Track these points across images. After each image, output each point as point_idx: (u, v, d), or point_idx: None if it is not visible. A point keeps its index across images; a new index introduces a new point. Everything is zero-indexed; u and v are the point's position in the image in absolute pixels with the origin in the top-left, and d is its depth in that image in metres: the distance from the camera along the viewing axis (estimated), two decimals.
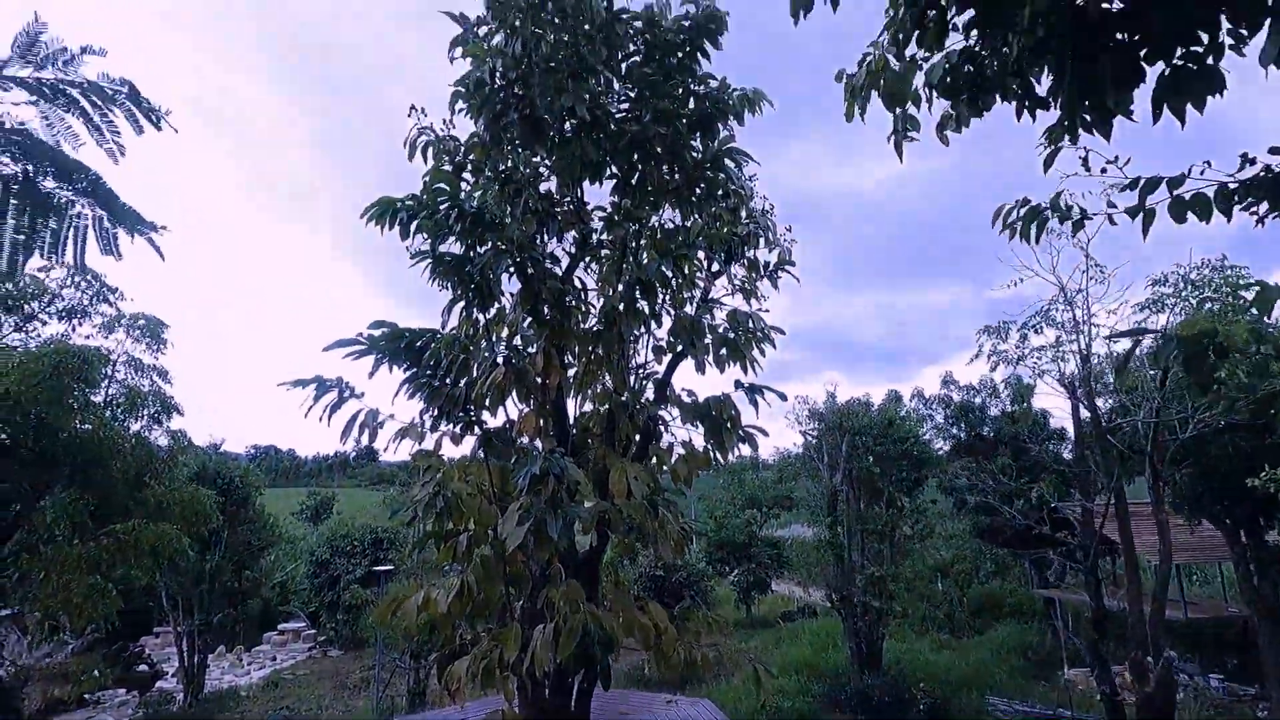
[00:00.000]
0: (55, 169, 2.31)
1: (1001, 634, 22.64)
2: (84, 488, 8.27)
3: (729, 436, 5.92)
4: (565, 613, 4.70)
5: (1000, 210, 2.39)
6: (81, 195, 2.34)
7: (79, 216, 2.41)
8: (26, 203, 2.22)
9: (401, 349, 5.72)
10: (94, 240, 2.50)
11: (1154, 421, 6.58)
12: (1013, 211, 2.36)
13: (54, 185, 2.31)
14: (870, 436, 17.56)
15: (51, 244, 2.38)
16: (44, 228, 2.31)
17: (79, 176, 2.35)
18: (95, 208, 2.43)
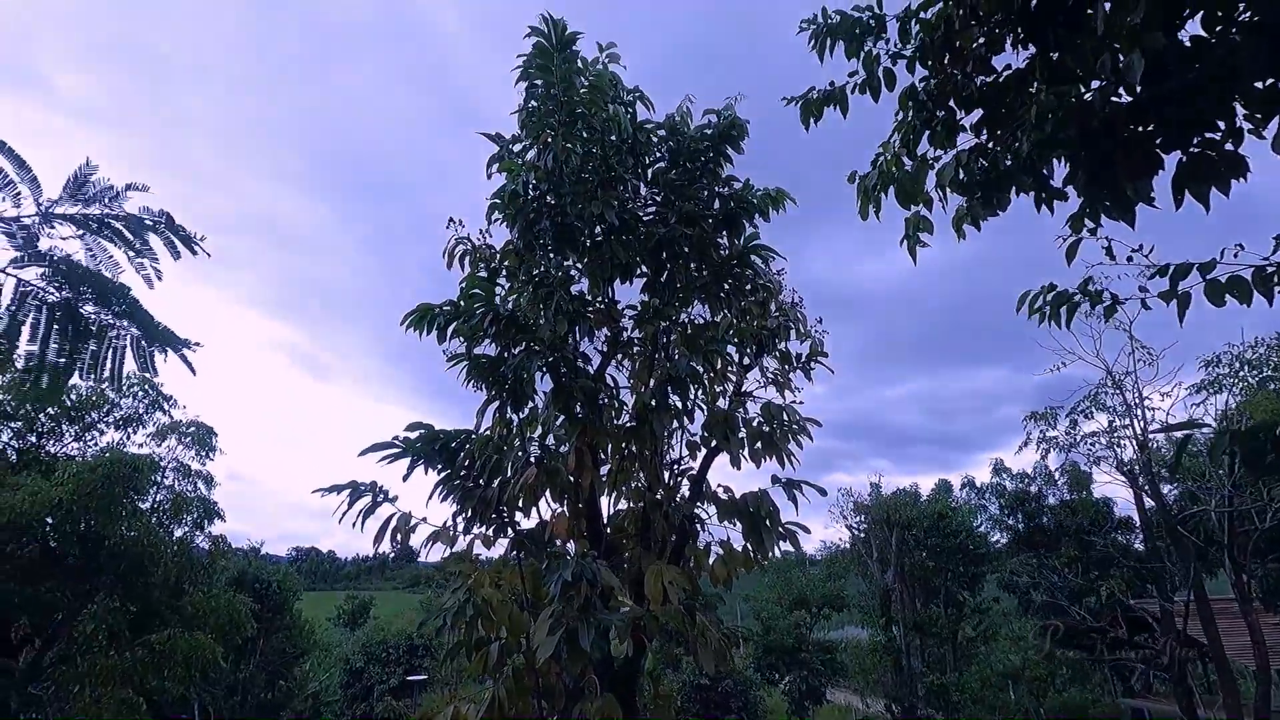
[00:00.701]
0: (95, 294, 2.47)
1: None
2: (125, 596, 8.30)
3: (768, 535, 5.69)
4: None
5: (1025, 297, 2.34)
6: (120, 318, 2.50)
7: (117, 338, 2.56)
8: (69, 327, 2.37)
9: (436, 450, 5.75)
10: (131, 359, 2.63)
11: (1227, 511, 6.10)
12: (1039, 298, 2.30)
13: (93, 310, 2.47)
14: (921, 529, 16.73)
15: (91, 364, 2.51)
16: (84, 350, 2.45)
17: (118, 301, 2.51)
18: (133, 328, 2.57)
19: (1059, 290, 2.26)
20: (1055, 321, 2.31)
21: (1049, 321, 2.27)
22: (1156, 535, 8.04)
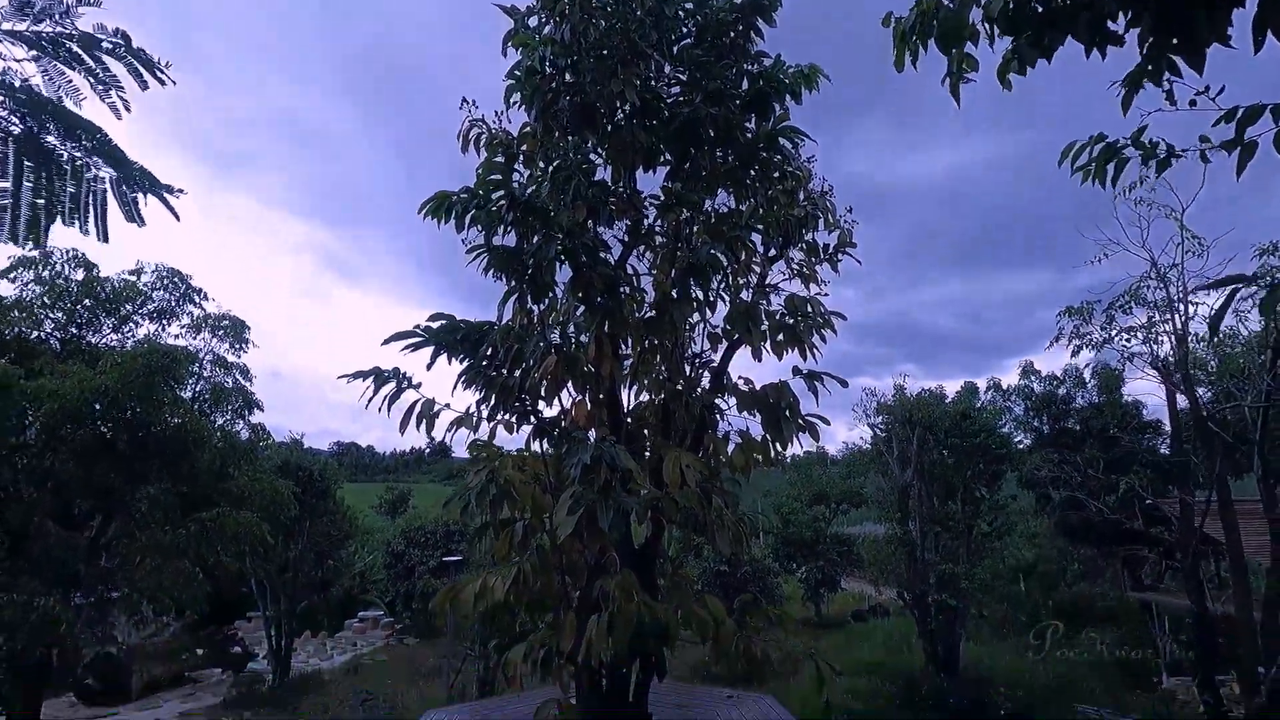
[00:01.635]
0: (61, 126, 2.39)
1: (1094, 639, 21.31)
2: (174, 479, 8.85)
3: (788, 425, 5.72)
4: (619, 602, 4.64)
5: (1069, 149, 2.11)
6: (92, 154, 2.42)
7: (95, 180, 2.49)
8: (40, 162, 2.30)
9: (458, 340, 5.78)
10: (114, 203, 2.57)
11: (1263, 406, 5.93)
12: (1084, 151, 2.08)
13: (61, 143, 2.39)
14: (942, 430, 16.80)
15: (72, 209, 2.46)
16: (61, 190, 2.39)
17: (88, 136, 2.42)
18: (108, 168, 2.49)
19: (1108, 142, 2.05)
20: (1100, 179, 2.10)
21: (1094, 180, 2.07)
22: (1185, 434, 7.90)
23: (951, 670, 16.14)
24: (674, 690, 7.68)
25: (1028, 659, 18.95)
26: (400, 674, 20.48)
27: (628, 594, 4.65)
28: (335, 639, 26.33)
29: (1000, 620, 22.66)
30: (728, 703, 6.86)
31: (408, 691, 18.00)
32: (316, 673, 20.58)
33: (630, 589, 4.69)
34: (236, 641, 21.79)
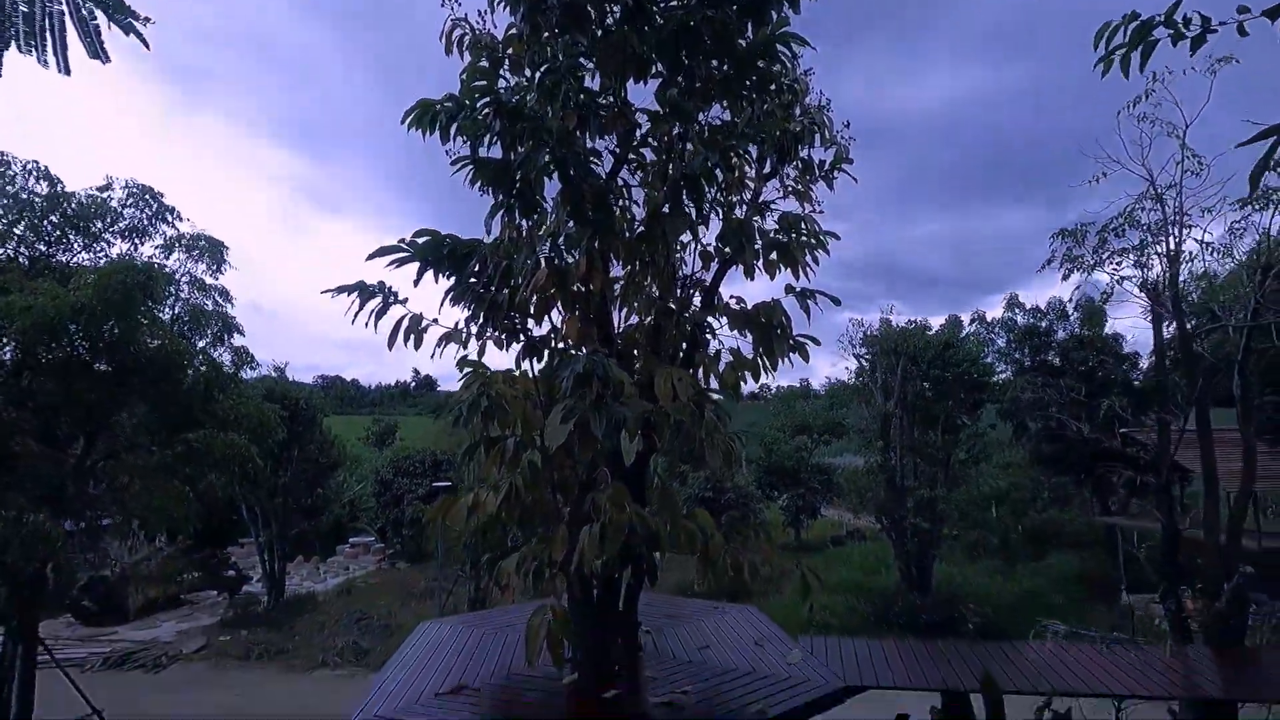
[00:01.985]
0: None
1: (1058, 561, 22.34)
2: (158, 401, 8.76)
3: (779, 344, 5.71)
4: (611, 513, 4.71)
5: (1103, 30, 2.00)
6: None
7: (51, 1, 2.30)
8: None
9: (445, 256, 5.64)
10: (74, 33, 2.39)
11: (1248, 326, 6.00)
12: (1117, 31, 1.97)
13: None
14: (926, 361, 17.00)
15: (27, 31, 2.27)
16: (15, 11, 2.21)
17: None
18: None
19: (1142, 20, 1.93)
20: (1126, 66, 2.00)
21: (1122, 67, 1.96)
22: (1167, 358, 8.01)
23: (924, 589, 16.88)
24: (661, 602, 7.93)
25: (996, 579, 19.88)
26: (393, 595, 21.09)
27: (619, 505, 4.71)
28: (328, 563, 26.92)
29: (972, 544, 23.61)
30: (714, 613, 7.10)
31: (400, 611, 18.59)
32: (311, 595, 21.13)
33: (622, 500, 4.75)
34: (230, 565, 22.22)
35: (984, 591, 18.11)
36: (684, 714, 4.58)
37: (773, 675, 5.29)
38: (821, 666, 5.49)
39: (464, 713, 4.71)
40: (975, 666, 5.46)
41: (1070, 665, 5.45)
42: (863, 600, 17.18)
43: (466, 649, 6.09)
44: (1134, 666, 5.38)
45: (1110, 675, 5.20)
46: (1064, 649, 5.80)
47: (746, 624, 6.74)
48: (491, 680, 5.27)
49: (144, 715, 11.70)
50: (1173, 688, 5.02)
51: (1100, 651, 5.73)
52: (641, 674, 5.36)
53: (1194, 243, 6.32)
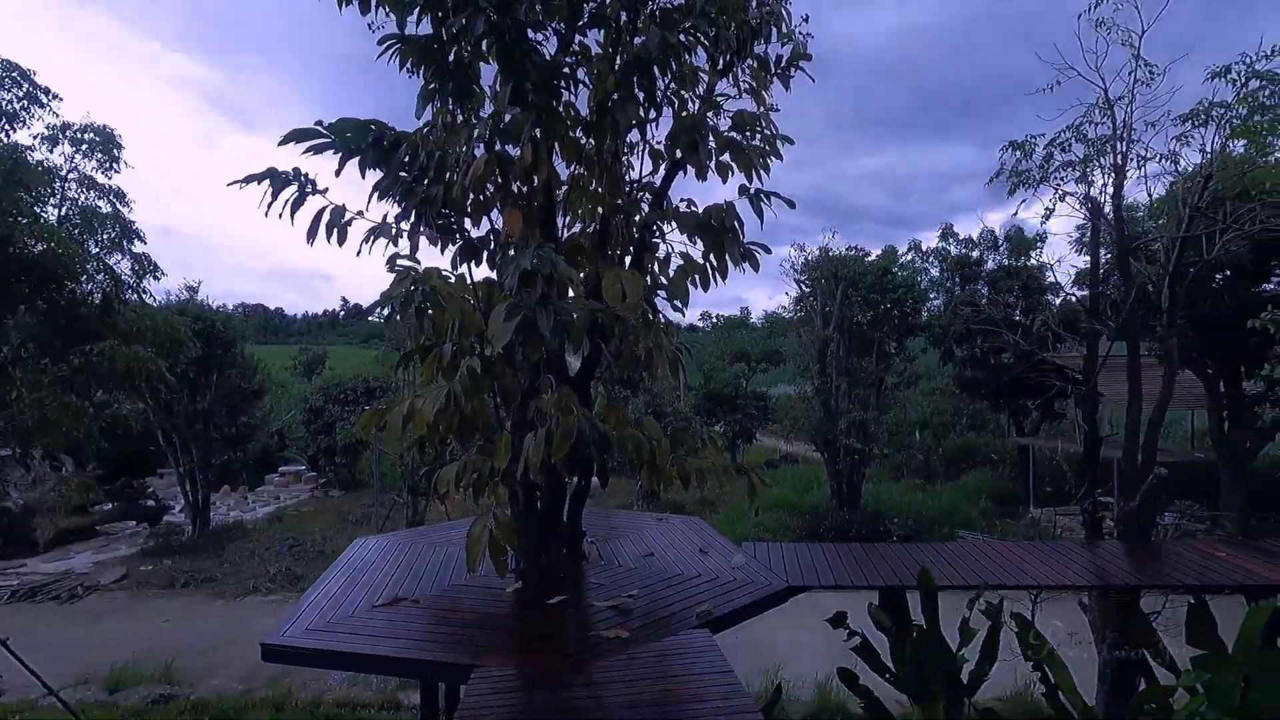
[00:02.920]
0: None
1: (974, 479, 23.86)
2: (48, 310, 7.89)
3: (731, 247, 5.49)
4: (558, 417, 4.50)
5: None
6: None
7: None
8: None
9: (370, 145, 5.10)
10: None
11: (1181, 237, 6.20)
12: None
13: None
14: (865, 286, 17.27)
15: None
16: None
17: None
18: None
19: None
20: None
21: None
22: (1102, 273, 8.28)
23: (854, 505, 17.69)
24: (606, 515, 7.91)
25: (918, 496, 21.08)
26: (328, 522, 20.69)
27: (566, 409, 4.51)
28: (257, 493, 26.11)
29: (898, 464, 24.88)
30: (659, 524, 7.11)
31: (336, 536, 18.26)
32: (239, 523, 20.49)
33: (569, 405, 4.55)
34: (149, 495, 21.23)
35: (907, 506, 19.17)
36: (630, 616, 4.55)
37: (717, 578, 5.34)
38: (765, 569, 5.58)
39: (401, 623, 4.55)
40: (911, 565, 5.65)
41: (997, 561, 5.71)
42: (796, 517, 17.92)
43: (404, 563, 5.91)
44: (1055, 561, 5.68)
45: (1034, 569, 5.48)
46: (991, 546, 6.07)
47: (691, 534, 6.79)
48: (431, 592, 5.11)
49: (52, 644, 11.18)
50: (1089, 578, 5.31)
51: (1023, 549, 6.03)
52: (586, 581, 5.31)
53: (1139, 156, 6.40)
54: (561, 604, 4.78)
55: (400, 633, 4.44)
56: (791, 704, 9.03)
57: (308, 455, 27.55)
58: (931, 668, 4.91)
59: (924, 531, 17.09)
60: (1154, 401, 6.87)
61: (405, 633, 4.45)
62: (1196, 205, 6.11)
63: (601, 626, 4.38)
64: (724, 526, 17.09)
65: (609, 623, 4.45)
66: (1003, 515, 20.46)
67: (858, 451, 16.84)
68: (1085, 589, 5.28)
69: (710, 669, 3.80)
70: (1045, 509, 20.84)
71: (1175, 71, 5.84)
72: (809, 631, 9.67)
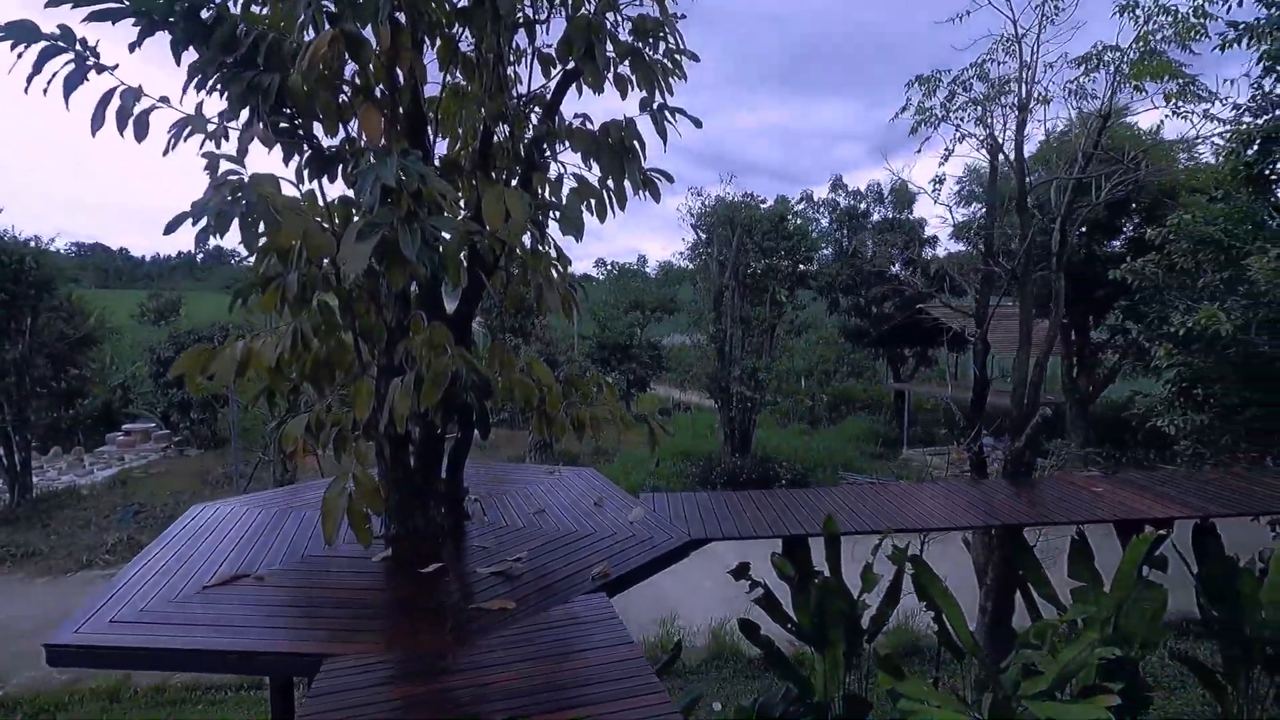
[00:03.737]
0: None
1: (854, 423, 25.12)
2: None
3: (631, 168, 4.89)
4: (429, 359, 3.81)
5: None
6: None
7: None
8: None
9: (181, 16, 4.00)
10: None
11: (1077, 178, 6.32)
12: None
13: None
14: (761, 233, 17.22)
15: None
16: None
17: None
18: None
19: None
20: None
21: None
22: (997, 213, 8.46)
23: (745, 451, 18.01)
24: (491, 469, 7.29)
25: (804, 440, 21.88)
26: (182, 484, 18.67)
27: (439, 349, 3.82)
28: (96, 454, 23.17)
29: (785, 410, 25.71)
30: (550, 477, 6.59)
31: (190, 500, 16.45)
32: (72, 489, 18.05)
33: (443, 342, 3.86)
34: None
35: (794, 451, 19.82)
36: (518, 583, 4.03)
37: (615, 534, 4.91)
38: (664, 522, 5.21)
39: (240, 606, 3.79)
40: (812, 510, 5.47)
41: (896, 504, 5.64)
42: (690, 464, 18.03)
43: (251, 532, 5.05)
44: (952, 502, 5.69)
45: (933, 510, 5.46)
46: (888, 489, 6.01)
47: (584, 486, 6.32)
48: (281, 566, 4.34)
49: None
50: (986, 517, 5.33)
51: (921, 490, 6.02)
52: (468, 545, 4.72)
53: (1040, 97, 6.37)
54: (438, 573, 4.18)
55: (237, 619, 3.68)
56: (687, 650, 8.98)
57: (158, 411, 24.72)
58: (834, 615, 4.76)
59: (810, 474, 17.72)
60: (1035, 347, 7.09)
61: (244, 619, 3.70)
62: (1091, 148, 6.19)
63: (484, 597, 3.83)
64: (619, 477, 16.90)
65: (493, 593, 3.91)
66: (880, 457, 21.67)
67: (749, 399, 17.04)
68: (988, 528, 5.30)
69: (608, 640, 3.36)
70: (917, 449, 22.29)
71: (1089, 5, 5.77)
72: (705, 577, 9.61)
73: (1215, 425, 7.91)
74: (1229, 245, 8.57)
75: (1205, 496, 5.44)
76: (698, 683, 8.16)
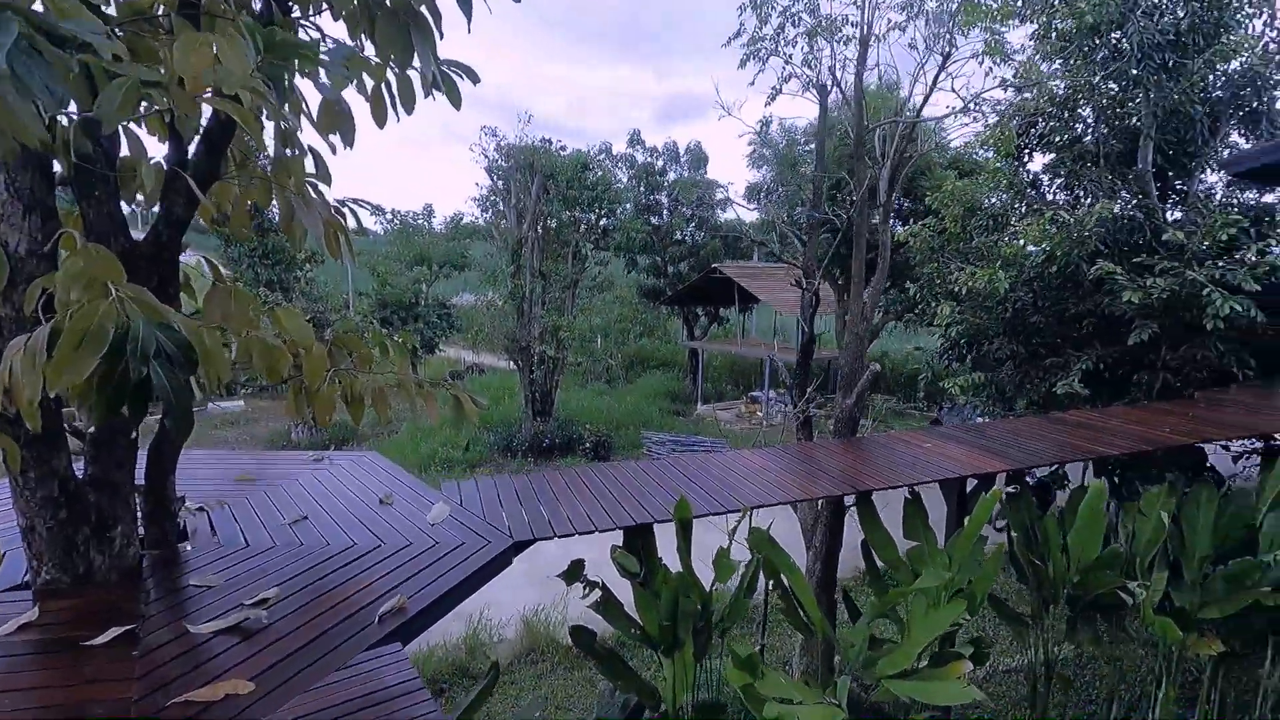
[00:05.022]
0: None
1: (650, 382, 25.41)
2: None
3: (424, 51, 3.54)
4: (82, 301, 2.25)
5: None
6: None
7: None
8: None
9: None
10: None
11: (914, 120, 6.22)
12: None
13: None
14: (564, 180, 16.11)
15: None
16: None
17: None
18: None
19: None
20: None
21: None
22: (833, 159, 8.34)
23: (547, 415, 17.10)
24: (229, 460, 5.51)
25: (604, 400, 21.57)
26: None
27: (95, 285, 2.28)
28: None
29: (583, 371, 25.24)
30: (315, 467, 5.07)
31: None
32: None
33: (108, 274, 2.31)
34: None
35: (595, 412, 19.37)
36: (261, 643, 2.69)
37: (410, 545, 3.68)
38: (477, 520, 4.09)
39: None
40: (654, 491, 4.69)
41: (746, 477, 5.08)
42: (489, 432, 16.70)
43: None
44: (799, 470, 5.26)
45: (785, 481, 4.97)
46: (736, 460, 5.44)
47: (365, 477, 4.93)
48: None
49: None
50: (840, 485, 4.94)
51: (764, 457, 5.54)
52: (181, 585, 3.21)
53: (877, 36, 6.10)
54: (124, 642, 2.67)
55: None
56: (499, 644, 7.95)
57: None
58: (687, 614, 4.04)
59: (614, 435, 17.37)
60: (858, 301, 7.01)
61: None
62: (928, 92, 6.08)
63: (199, 680, 2.45)
64: (405, 453, 15.07)
65: (217, 668, 2.53)
66: (677, 414, 22.12)
67: (552, 359, 16.09)
68: (843, 496, 4.90)
69: None
70: (709, 405, 23.14)
71: None
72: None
73: (992, 380, 8.67)
74: (996, 212, 9.27)
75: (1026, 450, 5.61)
76: (510, 684, 7.20)
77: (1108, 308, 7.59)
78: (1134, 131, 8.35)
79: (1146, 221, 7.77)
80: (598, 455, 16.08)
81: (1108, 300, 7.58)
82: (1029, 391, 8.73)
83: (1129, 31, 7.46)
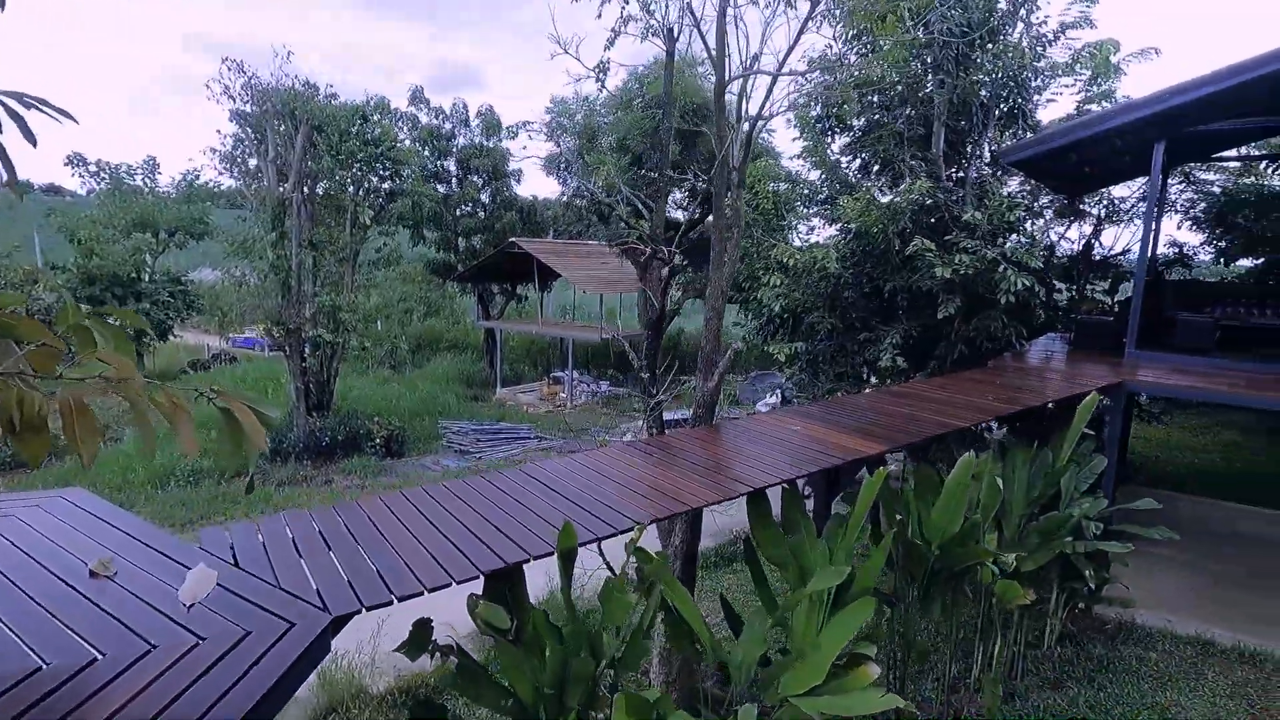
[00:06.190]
0: None
1: (442, 366, 23.36)
2: None
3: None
4: None
5: None
6: None
7: None
8: None
9: None
10: None
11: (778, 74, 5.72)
12: None
13: None
14: (338, 133, 13.67)
15: None
16: None
17: None
18: None
19: None
20: None
21: None
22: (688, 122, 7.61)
23: (325, 408, 14.71)
24: None
25: (391, 388, 19.29)
26: None
27: None
28: None
29: (370, 357, 22.46)
30: None
31: None
32: None
33: None
34: None
35: (382, 402, 17.21)
36: None
37: (149, 655, 2.30)
38: (264, 590, 2.76)
39: None
40: (512, 511, 3.69)
41: (627, 482, 4.25)
42: None
43: None
44: (674, 469, 4.55)
45: (681, 485, 4.22)
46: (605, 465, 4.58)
47: (63, 531, 3.25)
48: None
49: None
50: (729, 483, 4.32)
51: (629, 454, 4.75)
52: None
53: None
54: None
55: None
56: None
57: None
58: (578, 676, 3.12)
59: (410, 427, 15.49)
60: None
61: None
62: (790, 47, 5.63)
63: None
64: (133, 478, 11.88)
65: None
66: (475, 399, 20.57)
67: (330, 344, 13.78)
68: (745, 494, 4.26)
69: None
70: (508, 388, 21.90)
71: None
72: None
73: (810, 350, 8.83)
74: (810, 191, 9.38)
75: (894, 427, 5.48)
76: None
77: (917, 284, 8.01)
78: (929, 117, 8.93)
79: (945, 202, 8.35)
80: (391, 453, 14.17)
81: (917, 276, 7.99)
82: (843, 363, 9.02)
83: (932, 18, 7.87)
